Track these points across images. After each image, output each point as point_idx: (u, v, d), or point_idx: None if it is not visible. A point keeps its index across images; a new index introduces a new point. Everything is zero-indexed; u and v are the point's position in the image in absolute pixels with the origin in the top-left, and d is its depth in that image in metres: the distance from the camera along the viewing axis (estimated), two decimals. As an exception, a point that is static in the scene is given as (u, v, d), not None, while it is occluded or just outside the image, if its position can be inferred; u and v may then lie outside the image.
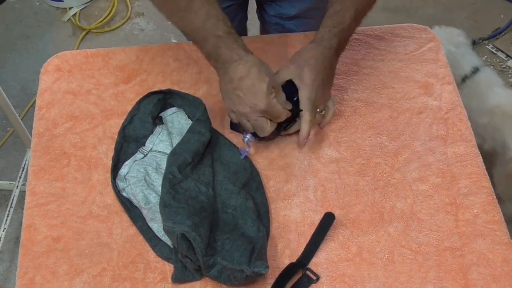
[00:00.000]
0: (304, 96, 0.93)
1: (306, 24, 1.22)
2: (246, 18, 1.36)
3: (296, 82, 0.94)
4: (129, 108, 1.01)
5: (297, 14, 1.23)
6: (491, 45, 2.29)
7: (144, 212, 0.90)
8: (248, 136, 0.95)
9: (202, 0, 0.85)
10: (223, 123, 1.02)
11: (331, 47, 0.94)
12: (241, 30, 1.37)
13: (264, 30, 1.35)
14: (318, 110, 0.95)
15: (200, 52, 0.91)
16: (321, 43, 0.94)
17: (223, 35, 0.86)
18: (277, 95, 0.90)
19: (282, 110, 0.91)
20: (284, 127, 0.96)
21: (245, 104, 0.88)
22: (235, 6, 1.26)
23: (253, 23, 1.37)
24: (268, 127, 0.91)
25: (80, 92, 1.07)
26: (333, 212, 0.90)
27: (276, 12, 1.25)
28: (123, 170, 0.93)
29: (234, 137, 1.00)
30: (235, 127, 0.99)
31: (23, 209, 0.94)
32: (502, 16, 2.38)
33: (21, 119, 1.76)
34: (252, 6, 1.33)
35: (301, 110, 0.93)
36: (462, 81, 1.70)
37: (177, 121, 1.00)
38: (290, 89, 0.94)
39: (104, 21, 2.37)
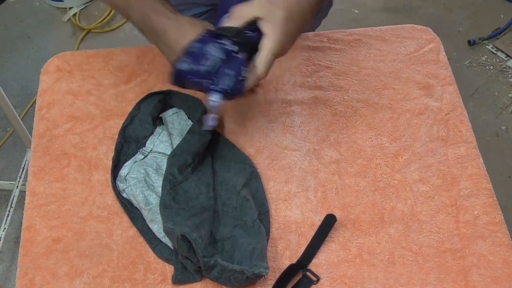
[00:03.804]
0: (268, 44, 0.78)
1: None
2: None
3: (261, 23, 0.78)
4: (130, 108, 1.01)
5: None
6: (491, 45, 2.29)
7: (144, 213, 0.89)
8: (214, 97, 0.81)
9: None
10: (223, 123, 1.02)
11: None
12: None
13: None
14: None
15: (134, 26, 0.77)
16: None
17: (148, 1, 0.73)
18: None
19: None
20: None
21: None
22: (211, 12, 1.19)
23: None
24: None
25: (80, 92, 1.07)
26: (333, 214, 0.90)
27: None
28: (123, 171, 0.93)
29: (235, 138, 1.00)
30: (180, 81, 0.84)
31: (23, 209, 0.94)
32: (502, 16, 2.38)
33: (21, 119, 1.76)
34: None
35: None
36: None
37: (178, 122, 1.00)
38: (250, 36, 0.79)
39: (104, 21, 2.36)
